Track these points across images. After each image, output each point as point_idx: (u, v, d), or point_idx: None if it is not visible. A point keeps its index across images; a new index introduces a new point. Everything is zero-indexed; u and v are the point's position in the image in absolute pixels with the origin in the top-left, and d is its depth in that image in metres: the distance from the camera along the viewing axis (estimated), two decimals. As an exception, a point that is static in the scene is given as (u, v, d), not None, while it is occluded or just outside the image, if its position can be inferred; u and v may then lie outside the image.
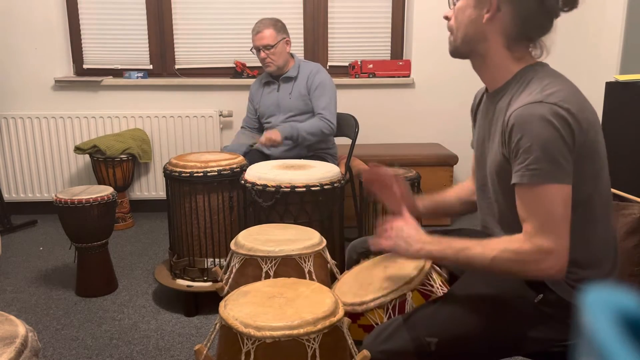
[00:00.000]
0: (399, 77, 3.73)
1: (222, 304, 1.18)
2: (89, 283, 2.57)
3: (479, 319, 1.19)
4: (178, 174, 2.33)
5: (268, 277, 1.46)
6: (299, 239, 1.58)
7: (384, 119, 3.79)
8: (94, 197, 2.48)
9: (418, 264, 1.33)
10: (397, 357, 1.17)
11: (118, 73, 3.77)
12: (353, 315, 1.33)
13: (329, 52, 3.83)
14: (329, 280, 1.58)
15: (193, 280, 2.41)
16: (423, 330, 1.17)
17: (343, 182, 2.26)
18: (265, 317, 1.11)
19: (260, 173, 2.19)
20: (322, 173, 2.19)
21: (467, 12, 1.21)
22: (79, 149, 3.41)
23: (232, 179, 2.35)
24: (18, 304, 2.50)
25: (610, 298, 0.37)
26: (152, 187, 3.78)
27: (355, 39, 3.82)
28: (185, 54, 3.80)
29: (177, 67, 3.80)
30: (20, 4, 3.56)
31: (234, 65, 3.73)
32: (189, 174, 2.31)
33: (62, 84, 3.67)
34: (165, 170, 2.40)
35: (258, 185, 2.14)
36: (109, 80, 3.68)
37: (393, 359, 1.17)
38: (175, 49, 3.78)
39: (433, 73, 3.70)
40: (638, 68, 3.01)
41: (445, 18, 1.28)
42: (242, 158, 2.50)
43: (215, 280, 2.12)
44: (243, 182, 2.21)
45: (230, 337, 1.11)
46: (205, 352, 1.20)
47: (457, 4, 1.23)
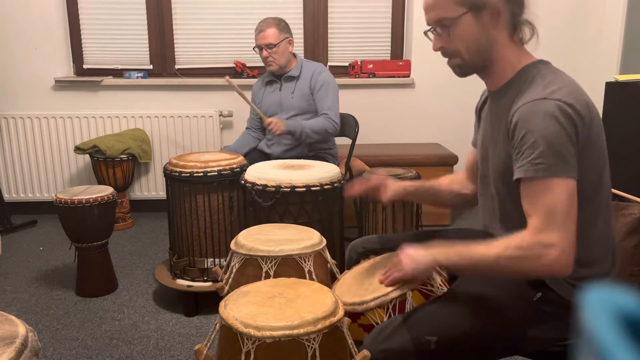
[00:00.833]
0: (399, 77, 3.73)
1: (222, 304, 1.18)
2: (89, 283, 2.57)
3: (479, 318, 1.19)
4: (178, 174, 2.33)
5: (268, 276, 1.46)
6: (299, 239, 1.58)
7: (384, 119, 3.79)
8: (94, 197, 2.48)
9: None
10: (397, 356, 1.17)
11: (118, 73, 3.77)
12: (353, 315, 1.33)
13: (329, 52, 3.83)
14: (329, 280, 1.58)
15: (193, 280, 2.41)
16: (423, 330, 1.17)
17: (343, 182, 2.26)
18: (265, 317, 1.11)
19: (260, 173, 2.19)
20: (322, 173, 2.19)
21: (471, 30, 1.18)
22: (79, 149, 3.41)
23: (232, 179, 2.35)
24: (18, 304, 2.50)
25: (610, 298, 0.37)
26: (152, 187, 3.78)
27: (355, 39, 3.82)
28: (185, 54, 3.80)
29: (177, 67, 3.80)
30: (21, 4, 3.56)
31: (234, 65, 3.73)
32: (189, 174, 2.31)
33: (62, 84, 3.67)
34: (165, 170, 2.40)
35: (258, 185, 2.14)
36: (109, 80, 3.68)
37: (393, 358, 1.17)
38: (175, 49, 3.78)
39: (433, 73, 3.69)
40: (638, 68, 3.01)
41: (440, 49, 1.24)
42: (242, 158, 2.50)
43: (216, 280, 2.12)
44: (243, 182, 2.21)
45: (231, 337, 1.11)
46: (206, 352, 1.20)
47: (453, 31, 1.19)
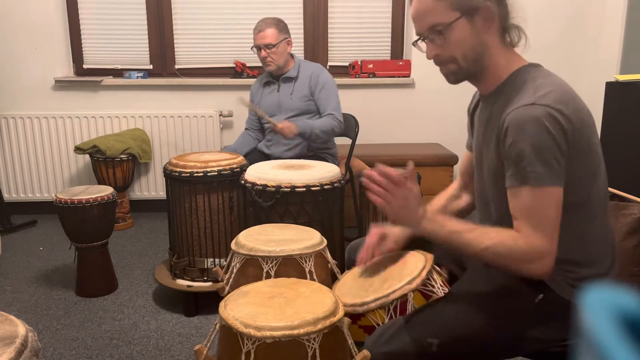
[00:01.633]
0: (399, 77, 3.73)
1: (222, 304, 1.18)
2: (89, 283, 2.57)
3: (480, 320, 1.19)
4: (178, 174, 2.33)
5: (269, 277, 1.46)
6: (300, 239, 1.58)
7: (384, 119, 3.79)
8: (94, 197, 2.49)
9: (419, 264, 1.33)
10: (398, 358, 1.17)
11: (118, 73, 3.77)
12: (354, 316, 1.33)
13: (329, 52, 3.83)
14: (330, 280, 1.58)
15: (193, 280, 2.41)
16: (424, 332, 1.17)
17: (343, 182, 2.26)
18: (265, 317, 1.11)
19: (260, 173, 2.19)
20: (322, 173, 2.19)
21: (464, 34, 1.17)
22: (79, 149, 3.41)
23: (232, 179, 2.35)
24: (18, 304, 2.50)
25: (610, 298, 0.37)
26: (152, 187, 3.78)
27: (355, 39, 3.82)
28: (185, 54, 3.80)
29: (177, 67, 3.80)
30: (21, 5, 3.56)
31: (234, 65, 3.73)
32: (189, 174, 2.31)
33: (62, 84, 3.67)
34: (165, 170, 2.40)
35: (258, 185, 2.14)
36: (109, 80, 3.68)
37: (394, 361, 1.17)
38: (175, 49, 3.78)
39: (433, 73, 3.66)
40: (638, 68, 3.01)
41: (435, 57, 1.23)
42: (242, 158, 2.50)
43: (216, 281, 2.12)
44: (243, 182, 2.21)
45: (231, 337, 1.11)
46: (206, 352, 1.20)
47: (448, 37, 1.18)
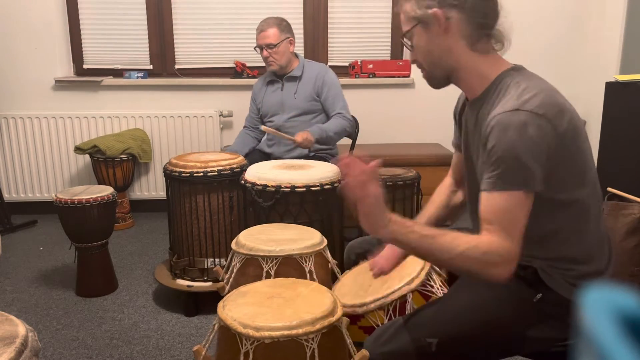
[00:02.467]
0: (399, 77, 3.73)
1: (220, 305, 1.18)
2: (89, 283, 2.57)
3: (479, 319, 1.19)
4: (178, 174, 2.33)
5: (269, 276, 1.46)
6: (300, 239, 1.58)
7: (384, 119, 3.79)
8: (94, 197, 2.48)
9: (418, 265, 1.33)
10: (398, 358, 1.17)
11: (118, 73, 3.77)
12: (353, 317, 1.33)
13: (329, 52, 3.83)
14: (330, 280, 1.58)
15: (193, 280, 2.40)
16: (423, 332, 1.17)
17: (343, 182, 2.26)
18: (264, 317, 1.11)
19: (260, 173, 2.18)
20: (322, 173, 2.19)
21: (423, 41, 1.23)
22: (79, 149, 3.41)
23: (232, 179, 2.35)
24: (18, 304, 2.50)
25: (610, 298, 0.37)
26: (152, 187, 3.78)
27: (355, 39, 3.82)
28: (185, 54, 3.80)
29: (177, 67, 3.80)
30: (21, 4, 3.56)
31: (234, 65, 3.72)
32: (189, 174, 2.31)
33: (62, 84, 3.67)
34: (165, 170, 2.40)
35: (258, 185, 2.14)
36: (109, 80, 3.68)
37: (394, 361, 1.17)
38: (175, 49, 3.78)
39: (433, 73, 3.69)
40: (638, 68, 3.01)
41: (414, 62, 1.30)
42: (242, 158, 2.50)
43: (216, 280, 2.12)
44: (243, 182, 2.21)
45: (229, 337, 1.11)
46: (204, 352, 1.20)
47: (412, 44, 1.25)
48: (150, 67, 3.79)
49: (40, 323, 2.32)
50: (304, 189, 2.10)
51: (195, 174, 2.30)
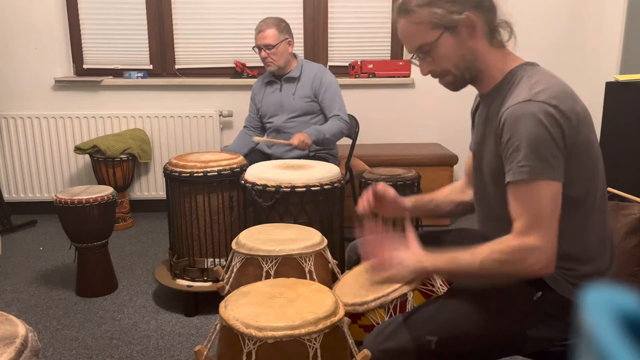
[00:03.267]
0: (399, 77, 3.73)
1: (222, 305, 1.18)
2: (89, 283, 2.57)
3: (479, 318, 1.19)
4: (178, 174, 2.33)
5: (269, 276, 1.47)
6: (300, 239, 1.58)
7: (384, 119, 3.79)
8: (94, 197, 2.48)
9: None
10: (397, 355, 1.18)
11: (118, 73, 3.77)
12: (354, 316, 1.33)
13: (329, 52, 3.83)
14: (330, 280, 1.58)
15: (193, 280, 2.41)
16: (423, 329, 1.18)
17: (343, 182, 2.26)
18: (266, 317, 1.11)
19: (260, 173, 2.19)
20: (322, 173, 2.19)
21: (451, 47, 1.20)
22: (79, 149, 3.41)
23: (232, 179, 2.35)
24: (18, 304, 2.50)
25: (610, 298, 0.37)
26: (152, 187, 3.78)
27: (355, 39, 3.82)
28: (185, 54, 3.80)
29: (177, 67, 3.80)
30: (21, 5, 3.56)
31: (234, 65, 3.73)
32: (189, 174, 2.31)
33: (62, 84, 3.67)
34: (165, 170, 2.40)
35: (258, 185, 2.14)
36: (109, 80, 3.68)
37: (393, 358, 1.17)
38: (175, 49, 3.78)
39: (433, 73, 3.69)
40: (638, 68, 3.01)
41: (429, 73, 1.26)
42: (242, 158, 2.50)
43: (216, 280, 2.12)
44: (243, 182, 2.21)
45: (231, 337, 1.11)
46: (206, 353, 1.20)
47: (435, 54, 1.21)
48: (150, 67, 3.79)
49: (40, 323, 2.32)
50: (304, 189, 2.11)
51: (195, 174, 2.31)
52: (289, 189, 2.10)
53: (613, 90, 2.50)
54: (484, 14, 1.20)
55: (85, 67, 3.79)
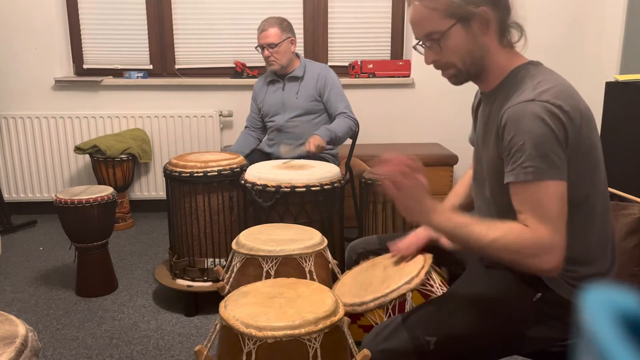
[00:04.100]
0: (399, 77, 3.73)
1: (222, 305, 1.18)
2: (89, 283, 2.57)
3: (478, 319, 1.19)
4: (178, 174, 2.33)
5: (269, 276, 1.47)
6: (300, 239, 1.58)
7: (384, 119, 3.79)
8: (94, 197, 2.49)
9: (418, 264, 1.33)
10: (396, 356, 1.17)
11: (118, 73, 3.77)
12: (353, 316, 1.33)
13: (329, 52, 3.83)
14: (331, 280, 1.58)
15: (193, 280, 2.41)
16: (422, 330, 1.17)
17: (343, 182, 2.26)
18: (266, 317, 1.11)
19: (260, 173, 2.19)
20: (322, 173, 2.19)
21: (461, 40, 1.18)
22: (79, 149, 3.41)
23: (232, 179, 2.35)
24: (18, 304, 2.50)
25: (610, 298, 0.37)
26: (152, 187, 3.78)
27: (355, 39, 3.82)
28: (185, 54, 3.80)
29: (177, 67, 3.80)
30: (21, 4, 3.56)
31: (234, 65, 3.73)
32: (189, 174, 2.31)
33: (62, 84, 3.67)
34: (165, 170, 2.40)
35: (258, 185, 2.14)
36: (109, 80, 3.68)
37: (392, 359, 1.17)
38: (175, 49, 3.78)
39: (433, 73, 3.66)
40: (638, 68, 3.01)
41: (433, 62, 1.24)
42: (242, 158, 2.50)
43: (216, 280, 2.12)
44: (243, 182, 2.21)
45: (231, 337, 1.11)
46: (206, 353, 1.20)
47: (444, 44, 1.19)
48: (150, 67, 3.79)
49: (40, 323, 2.32)
50: (304, 189, 2.11)
51: (195, 174, 2.31)
52: (289, 189, 2.10)
53: (613, 90, 2.50)
54: (499, 13, 1.18)
55: (85, 67, 3.80)
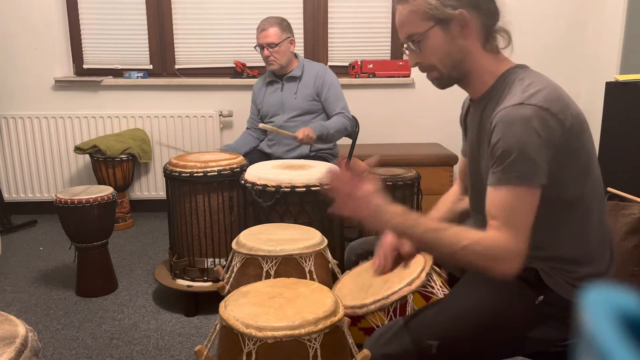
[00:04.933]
0: (399, 77, 3.73)
1: (222, 305, 1.18)
2: (89, 283, 2.57)
3: (480, 322, 1.19)
4: (178, 174, 2.33)
5: (269, 276, 1.47)
6: (300, 239, 1.58)
7: (384, 119, 3.79)
8: (94, 197, 2.49)
9: (418, 266, 1.33)
10: (398, 360, 1.17)
11: (118, 73, 3.77)
12: (354, 319, 1.33)
13: (329, 52, 3.83)
14: (331, 280, 1.58)
15: (193, 280, 2.41)
16: (424, 334, 1.17)
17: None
18: (266, 317, 1.11)
19: (260, 173, 2.19)
20: (322, 173, 2.19)
21: (440, 42, 1.19)
22: (79, 149, 3.41)
23: (232, 179, 2.35)
24: (18, 304, 2.50)
25: (610, 298, 0.37)
26: (152, 187, 3.78)
27: (355, 39, 3.82)
28: (185, 54, 3.80)
29: (177, 67, 3.80)
30: (21, 4, 3.56)
31: (234, 65, 3.73)
32: (189, 174, 2.31)
33: (62, 84, 3.67)
34: (165, 170, 2.40)
35: (258, 185, 2.14)
36: (109, 80, 3.68)
37: (394, 362, 1.17)
38: (175, 49, 3.78)
39: (433, 73, 3.69)
40: (638, 68, 3.01)
41: (416, 65, 1.26)
42: (242, 158, 2.50)
43: (216, 280, 2.12)
44: (243, 182, 2.21)
45: (231, 337, 1.11)
46: (206, 353, 1.20)
47: (423, 46, 1.20)
48: (150, 67, 3.79)
49: (40, 323, 2.32)
50: (304, 189, 2.11)
51: (195, 174, 2.31)
52: (289, 189, 2.10)
53: (613, 90, 2.49)
54: (481, 16, 1.19)
55: (85, 67, 3.80)
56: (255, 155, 2.90)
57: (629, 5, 3.18)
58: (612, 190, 1.99)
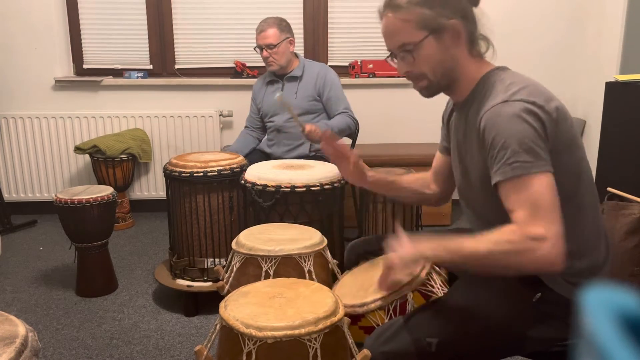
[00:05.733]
0: (399, 77, 3.71)
1: (222, 305, 1.18)
2: (89, 283, 2.57)
3: (479, 320, 1.19)
4: (178, 174, 2.33)
5: (268, 276, 1.47)
6: (300, 239, 1.58)
7: (384, 119, 3.79)
8: (94, 197, 2.49)
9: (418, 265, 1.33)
10: (398, 358, 1.18)
11: (118, 73, 3.77)
12: (354, 317, 1.33)
13: (329, 52, 3.83)
14: (330, 280, 1.58)
15: (193, 280, 2.41)
16: (423, 332, 1.17)
17: (343, 182, 2.26)
18: (266, 317, 1.11)
19: (260, 173, 2.19)
20: (322, 173, 2.19)
21: (433, 52, 1.20)
22: (79, 149, 3.41)
23: (232, 179, 2.35)
24: (18, 304, 2.50)
25: (610, 298, 0.37)
26: (152, 187, 3.78)
27: (355, 39, 3.82)
28: (185, 54, 3.80)
29: (177, 67, 3.80)
30: (21, 4, 3.56)
31: (234, 65, 3.73)
32: (189, 174, 2.31)
33: (62, 84, 3.67)
34: (165, 170, 2.40)
35: (258, 185, 2.14)
36: (109, 80, 3.68)
37: (394, 360, 1.18)
38: (175, 49, 3.78)
39: (433, 73, 3.68)
40: (638, 68, 3.01)
41: (406, 73, 1.26)
42: (242, 158, 2.50)
43: (216, 280, 2.12)
44: (243, 182, 2.21)
45: (231, 337, 1.11)
46: (206, 353, 1.20)
47: (417, 55, 1.21)
48: (150, 67, 3.79)
49: (40, 323, 2.32)
50: (304, 189, 2.11)
51: (195, 174, 2.31)
52: (289, 189, 2.10)
53: (613, 90, 2.49)
54: (468, 25, 1.21)
55: (85, 67, 3.80)
56: (255, 155, 2.90)
57: (629, 6, 3.17)
58: (612, 190, 1.99)
